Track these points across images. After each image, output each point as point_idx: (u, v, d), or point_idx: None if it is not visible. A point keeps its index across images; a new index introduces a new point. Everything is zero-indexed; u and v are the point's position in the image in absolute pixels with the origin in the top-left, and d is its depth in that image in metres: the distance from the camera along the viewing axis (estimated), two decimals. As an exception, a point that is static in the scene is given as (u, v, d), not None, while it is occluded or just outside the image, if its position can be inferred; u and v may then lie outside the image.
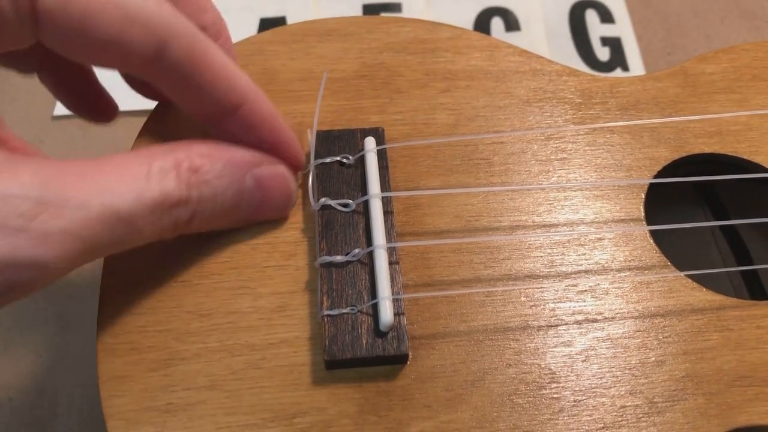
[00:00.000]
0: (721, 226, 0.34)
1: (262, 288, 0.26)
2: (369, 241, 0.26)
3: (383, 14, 0.41)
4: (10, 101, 0.39)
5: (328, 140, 0.28)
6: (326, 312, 0.25)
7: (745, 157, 0.30)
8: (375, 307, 0.25)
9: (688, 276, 0.27)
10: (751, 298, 0.31)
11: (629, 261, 0.27)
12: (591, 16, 0.41)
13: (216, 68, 0.24)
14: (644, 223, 0.28)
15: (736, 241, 0.34)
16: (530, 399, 0.24)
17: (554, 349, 0.25)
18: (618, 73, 0.39)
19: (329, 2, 0.41)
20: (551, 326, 0.26)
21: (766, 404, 0.24)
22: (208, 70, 0.24)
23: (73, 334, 0.34)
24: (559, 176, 0.29)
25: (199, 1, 0.26)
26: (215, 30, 0.27)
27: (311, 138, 0.28)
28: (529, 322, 0.26)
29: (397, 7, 0.41)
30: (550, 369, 0.25)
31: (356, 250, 0.26)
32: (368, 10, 0.41)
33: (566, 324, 0.26)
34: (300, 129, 0.29)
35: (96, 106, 0.30)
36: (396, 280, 0.25)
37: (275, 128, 0.26)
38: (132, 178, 0.21)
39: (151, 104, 0.30)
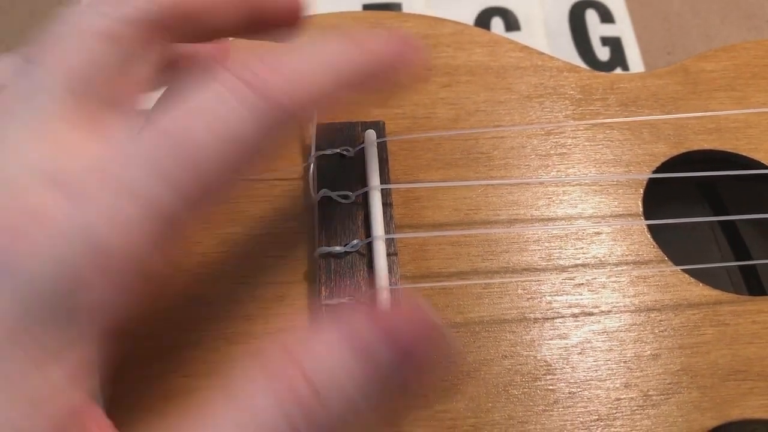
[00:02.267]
0: (721, 225, 0.34)
1: (262, 278, 0.26)
2: (368, 232, 0.26)
3: (385, 12, 0.42)
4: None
5: (329, 132, 0.29)
6: (325, 302, 0.25)
7: (744, 154, 0.30)
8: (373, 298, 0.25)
9: (685, 271, 0.27)
10: (749, 295, 0.31)
11: (626, 255, 0.27)
12: (591, 16, 0.41)
13: None
14: (642, 218, 0.28)
15: (736, 239, 0.34)
16: (525, 390, 0.24)
17: (550, 342, 0.25)
18: (618, 72, 0.39)
19: (329, 2, 0.41)
20: (547, 319, 0.26)
21: (760, 398, 0.25)
22: None
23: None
24: (558, 171, 0.29)
25: None
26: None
27: (312, 131, 0.29)
28: (526, 315, 0.26)
29: (397, 7, 0.41)
30: (545, 361, 0.25)
31: (355, 241, 0.26)
32: (368, 9, 0.42)
33: (562, 317, 0.26)
34: (302, 123, 0.30)
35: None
36: (394, 271, 0.25)
37: None
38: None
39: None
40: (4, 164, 0.18)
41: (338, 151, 0.28)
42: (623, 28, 0.41)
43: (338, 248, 0.26)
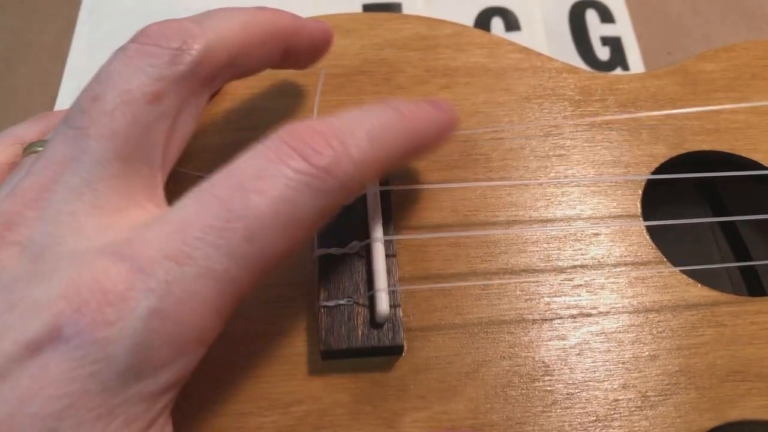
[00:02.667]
0: (721, 226, 0.34)
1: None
2: (366, 233, 0.26)
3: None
4: (10, 101, 0.39)
5: (328, 134, 0.29)
6: (323, 303, 0.25)
7: (743, 154, 0.30)
8: (371, 299, 0.25)
9: (684, 272, 0.27)
10: (749, 296, 0.31)
11: (625, 256, 0.27)
12: (591, 16, 0.41)
13: None
14: (641, 219, 0.28)
15: (736, 239, 0.34)
16: (523, 391, 0.24)
17: (548, 343, 0.25)
18: (618, 72, 0.39)
19: (328, 2, 0.41)
20: (546, 320, 0.26)
21: (759, 399, 0.25)
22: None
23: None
24: (557, 172, 0.29)
25: None
26: None
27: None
28: (524, 316, 0.26)
29: (397, 8, 0.41)
30: (543, 362, 0.25)
31: (354, 243, 0.26)
32: (367, 10, 0.42)
33: (561, 318, 0.26)
34: (300, 123, 0.30)
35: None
36: (393, 273, 0.26)
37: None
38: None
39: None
40: (67, 240, 0.19)
41: (337, 152, 0.28)
42: (623, 28, 0.41)
43: (337, 249, 0.26)
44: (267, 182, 0.19)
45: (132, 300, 0.17)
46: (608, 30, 0.41)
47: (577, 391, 0.25)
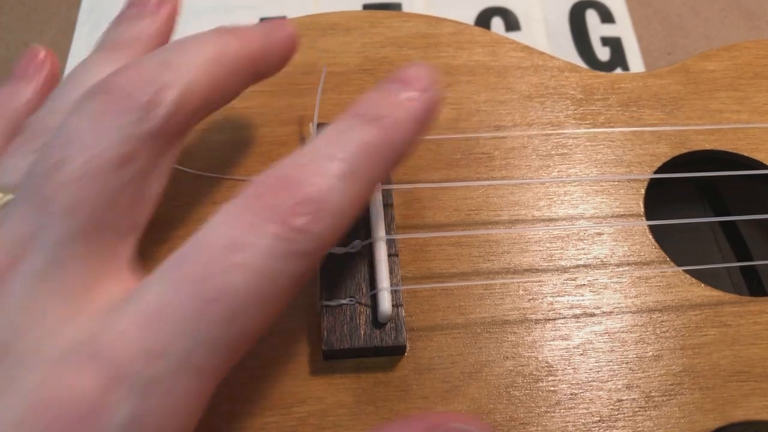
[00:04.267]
0: (722, 226, 0.34)
1: (262, 278, 0.26)
2: (369, 233, 0.26)
3: (385, 12, 0.42)
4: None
5: (329, 133, 0.28)
6: (325, 303, 0.25)
7: (745, 154, 0.30)
8: (374, 299, 0.25)
9: (687, 272, 0.27)
10: (750, 296, 0.31)
11: (628, 256, 0.27)
12: (591, 16, 0.41)
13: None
14: (644, 218, 0.28)
15: (737, 239, 0.34)
16: (527, 391, 0.24)
17: (552, 343, 0.25)
18: (619, 72, 0.39)
19: (328, 2, 0.41)
20: (549, 320, 0.26)
21: (762, 399, 0.24)
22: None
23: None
24: (559, 171, 0.29)
25: None
26: None
27: (312, 131, 0.29)
28: (527, 316, 0.26)
29: (397, 7, 0.41)
30: (547, 362, 0.25)
31: (356, 242, 0.26)
32: (368, 9, 0.42)
33: (564, 318, 0.26)
34: (302, 122, 0.29)
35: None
36: (395, 272, 0.25)
37: None
38: None
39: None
40: (32, 333, 0.17)
41: (339, 151, 0.28)
42: (623, 29, 0.41)
43: (339, 249, 0.26)
44: (243, 255, 0.17)
45: (106, 413, 0.16)
46: (608, 30, 0.41)
47: (580, 391, 0.24)
